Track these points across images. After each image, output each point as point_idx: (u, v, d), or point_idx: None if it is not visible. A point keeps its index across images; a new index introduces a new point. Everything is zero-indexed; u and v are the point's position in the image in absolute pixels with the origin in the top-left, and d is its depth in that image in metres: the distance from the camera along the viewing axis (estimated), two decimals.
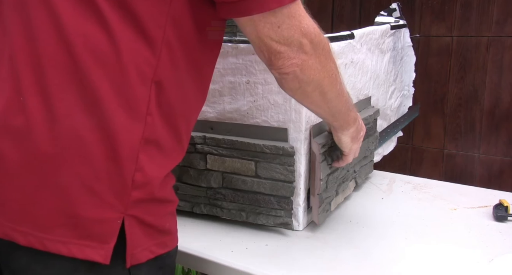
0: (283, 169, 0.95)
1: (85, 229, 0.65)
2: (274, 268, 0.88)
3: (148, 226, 0.69)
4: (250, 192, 0.99)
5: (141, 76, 0.66)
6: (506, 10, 2.07)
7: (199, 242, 0.97)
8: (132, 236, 0.67)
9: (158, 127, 0.69)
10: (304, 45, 0.70)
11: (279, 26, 0.68)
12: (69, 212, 0.65)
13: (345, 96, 0.85)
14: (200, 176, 1.03)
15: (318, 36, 0.72)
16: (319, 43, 0.72)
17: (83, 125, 0.64)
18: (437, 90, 2.25)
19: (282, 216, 0.98)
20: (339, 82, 0.80)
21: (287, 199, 0.97)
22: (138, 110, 0.66)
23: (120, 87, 0.65)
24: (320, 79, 0.75)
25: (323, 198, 0.99)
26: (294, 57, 0.71)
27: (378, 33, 1.25)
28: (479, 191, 1.27)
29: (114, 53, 0.64)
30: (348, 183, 1.13)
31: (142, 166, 0.67)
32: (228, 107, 1.01)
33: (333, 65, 0.77)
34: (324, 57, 0.74)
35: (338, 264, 0.90)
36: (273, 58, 0.71)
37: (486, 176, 2.20)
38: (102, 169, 0.65)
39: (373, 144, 1.23)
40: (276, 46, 0.69)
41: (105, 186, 0.65)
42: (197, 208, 1.06)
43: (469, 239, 1.00)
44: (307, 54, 0.71)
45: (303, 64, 0.72)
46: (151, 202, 0.69)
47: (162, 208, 0.72)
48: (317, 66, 0.73)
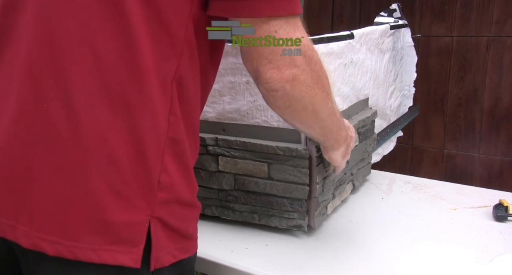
0: (297, 171, 0.95)
1: (114, 234, 0.64)
2: (274, 268, 0.88)
3: (172, 229, 0.68)
4: (262, 194, 0.99)
5: (163, 75, 0.65)
6: (506, 10, 2.07)
7: (199, 242, 0.96)
8: (157, 239, 0.66)
9: (180, 127, 0.68)
10: (296, 58, 0.67)
11: (276, 30, 0.65)
12: (98, 217, 0.63)
13: (337, 115, 0.81)
14: (211, 178, 1.02)
15: (312, 50, 0.69)
16: (312, 58, 0.69)
17: (108, 127, 0.63)
18: (437, 90, 2.25)
19: (295, 218, 0.98)
20: (331, 100, 0.77)
21: (301, 201, 0.96)
22: (162, 110, 0.66)
23: (144, 87, 0.64)
24: (312, 97, 0.71)
25: (319, 201, 0.98)
26: (285, 70, 0.67)
27: (378, 33, 1.25)
28: (479, 191, 1.27)
29: (137, 52, 0.63)
30: (345, 186, 1.13)
31: (167, 166, 0.66)
32: (228, 107, 1.01)
33: (326, 82, 0.73)
34: (316, 73, 0.70)
35: (338, 264, 0.90)
36: (262, 69, 0.67)
37: (486, 176, 2.20)
38: (129, 172, 0.64)
39: (371, 146, 1.23)
40: (267, 55, 0.66)
41: (132, 188, 0.64)
42: (208, 210, 1.05)
43: (469, 239, 1.00)
44: (299, 68, 0.67)
45: (294, 79, 0.67)
46: (176, 204, 0.69)
47: (187, 212, 0.71)
48: (309, 82, 0.69)
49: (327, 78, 0.74)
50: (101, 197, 0.63)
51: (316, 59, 0.70)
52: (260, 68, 0.67)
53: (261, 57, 0.66)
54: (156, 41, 0.64)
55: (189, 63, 0.68)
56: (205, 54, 0.72)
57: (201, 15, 0.67)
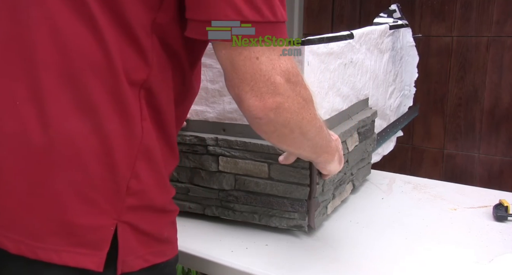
0: (297, 171, 0.95)
1: (78, 237, 0.64)
2: (274, 268, 0.88)
3: (143, 234, 0.68)
4: (263, 194, 0.99)
5: (132, 82, 0.65)
6: (506, 10, 2.07)
7: (199, 242, 0.97)
8: (125, 243, 0.66)
9: (153, 134, 0.68)
10: (280, 85, 0.64)
11: (258, 57, 0.63)
12: (62, 219, 0.63)
13: (324, 130, 0.78)
14: (212, 178, 1.02)
15: (297, 75, 0.67)
16: (297, 83, 0.67)
17: (78, 130, 0.63)
18: (437, 90, 2.25)
19: (295, 218, 0.98)
20: (318, 119, 0.74)
21: (301, 202, 0.96)
22: (133, 117, 0.65)
23: (114, 93, 0.64)
24: (299, 121, 0.69)
25: (319, 201, 0.98)
26: (268, 98, 0.64)
27: (377, 33, 1.25)
28: (479, 191, 1.27)
29: (107, 59, 0.63)
30: (345, 186, 1.13)
31: (139, 172, 0.66)
32: (228, 107, 1.01)
33: (311, 104, 0.71)
34: (302, 98, 0.68)
35: (338, 264, 0.90)
36: (244, 96, 0.64)
37: (486, 176, 2.20)
38: (96, 175, 0.64)
39: (371, 146, 1.23)
40: (249, 81, 0.64)
41: (99, 192, 0.64)
42: (208, 210, 1.05)
43: (469, 239, 1.00)
44: (283, 95, 0.65)
45: (278, 107, 0.65)
46: (148, 210, 0.68)
47: (160, 217, 0.71)
48: (295, 108, 0.67)
49: (312, 99, 0.71)
50: (67, 199, 0.63)
51: (301, 84, 0.68)
52: (242, 95, 0.65)
53: (243, 83, 0.64)
54: (124, 48, 0.64)
55: (160, 74, 0.67)
56: (181, 65, 0.71)
57: (173, 28, 0.66)
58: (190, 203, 1.06)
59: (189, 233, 1.01)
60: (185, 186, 1.05)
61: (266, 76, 0.63)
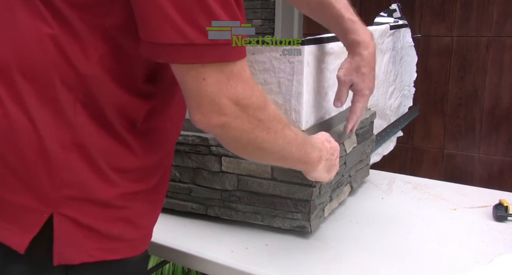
0: (300, 172, 0.94)
1: (10, 214, 0.67)
2: (274, 268, 0.88)
3: (88, 228, 0.68)
4: (266, 194, 0.99)
5: (67, 83, 0.66)
6: (506, 10, 2.07)
7: (199, 242, 0.97)
8: (62, 235, 0.67)
9: (91, 130, 0.68)
10: (226, 107, 0.65)
11: (205, 78, 0.63)
12: (1, 194, 0.66)
13: (297, 144, 0.77)
14: (214, 178, 1.02)
15: (249, 98, 0.66)
16: (248, 106, 0.66)
17: (15, 114, 0.65)
18: (437, 90, 2.25)
19: (298, 219, 0.98)
20: (283, 136, 0.73)
21: (304, 202, 0.96)
22: (64, 112, 0.67)
23: (44, 89, 0.66)
24: (251, 139, 0.70)
25: (316, 204, 0.98)
26: (212, 117, 0.65)
27: (377, 33, 1.25)
28: (479, 191, 1.27)
29: (42, 53, 0.65)
30: (343, 188, 1.13)
31: (73, 165, 0.67)
32: None
33: (272, 124, 0.71)
34: (256, 119, 0.68)
35: (338, 264, 0.90)
36: (191, 111, 0.66)
37: (486, 176, 2.20)
38: (31, 162, 0.66)
39: (369, 147, 1.23)
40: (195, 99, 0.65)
41: (34, 178, 0.66)
42: (211, 210, 1.05)
43: (469, 239, 1.00)
44: (229, 116, 0.65)
45: (224, 126, 0.66)
46: (88, 203, 0.69)
47: (106, 212, 0.70)
48: (245, 127, 0.68)
49: (273, 120, 0.71)
50: (5, 178, 0.66)
51: (255, 106, 0.68)
52: (189, 109, 0.66)
53: (191, 99, 0.66)
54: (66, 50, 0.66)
55: (103, 75, 0.67)
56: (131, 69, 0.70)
57: (124, 35, 0.66)
58: (193, 203, 1.06)
59: (189, 233, 1.01)
60: (187, 187, 1.05)
61: (211, 97, 0.64)
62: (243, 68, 0.66)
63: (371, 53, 0.92)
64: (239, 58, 0.65)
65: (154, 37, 0.62)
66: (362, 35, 0.91)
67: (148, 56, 0.64)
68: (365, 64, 0.92)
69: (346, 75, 0.93)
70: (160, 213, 1.04)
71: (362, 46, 0.91)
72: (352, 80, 0.93)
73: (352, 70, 0.93)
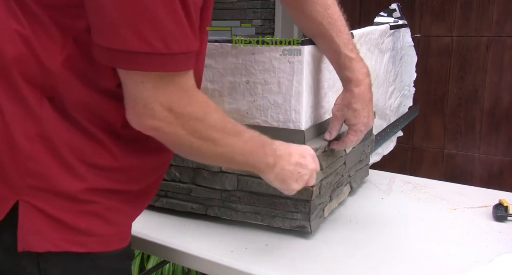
0: None
1: None
2: (274, 268, 0.88)
3: (53, 219, 0.70)
4: (266, 194, 0.99)
5: (34, 78, 0.68)
6: (506, 10, 2.07)
7: (199, 242, 0.97)
8: (27, 222, 0.69)
9: (57, 124, 0.70)
10: (158, 112, 0.66)
11: (143, 82, 0.65)
12: None
13: (240, 152, 0.77)
14: (214, 178, 1.02)
15: (184, 107, 0.68)
16: (183, 114, 0.68)
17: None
18: (437, 90, 2.25)
19: (298, 219, 0.98)
20: (224, 145, 0.74)
21: (304, 202, 0.96)
22: (30, 106, 0.69)
23: (12, 83, 0.68)
24: (187, 145, 0.71)
25: (316, 204, 0.98)
26: (146, 120, 0.67)
27: (377, 33, 1.25)
28: (479, 191, 1.27)
29: (12, 49, 0.67)
30: (343, 188, 1.13)
31: (37, 156, 0.69)
32: (228, 107, 1.01)
33: (209, 132, 0.72)
34: (191, 127, 0.69)
35: (337, 264, 0.90)
36: (127, 109, 0.68)
37: (486, 176, 2.20)
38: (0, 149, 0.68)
39: (369, 147, 1.23)
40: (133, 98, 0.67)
41: (2, 165, 0.69)
42: (211, 210, 1.05)
43: (469, 239, 1.00)
44: (162, 121, 0.67)
45: (157, 130, 0.69)
46: (53, 195, 0.70)
47: (74, 206, 0.72)
48: (179, 133, 0.69)
49: (212, 130, 0.72)
50: None
51: (191, 116, 0.69)
52: (126, 107, 0.69)
53: (127, 99, 0.68)
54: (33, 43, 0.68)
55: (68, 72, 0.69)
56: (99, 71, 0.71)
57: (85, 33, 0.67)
58: (193, 203, 1.06)
59: (189, 233, 1.01)
60: (187, 187, 1.05)
61: (146, 101, 0.66)
62: (185, 78, 0.68)
63: (362, 90, 0.94)
64: (180, 70, 0.66)
65: (98, 40, 0.64)
66: (355, 72, 0.93)
67: (97, 58, 0.66)
68: (356, 100, 0.94)
69: (338, 110, 0.96)
70: (160, 213, 1.04)
71: (353, 83, 0.94)
72: (344, 115, 0.96)
73: (344, 106, 0.95)
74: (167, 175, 1.06)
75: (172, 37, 0.62)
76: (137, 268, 1.96)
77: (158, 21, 0.61)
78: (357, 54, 0.95)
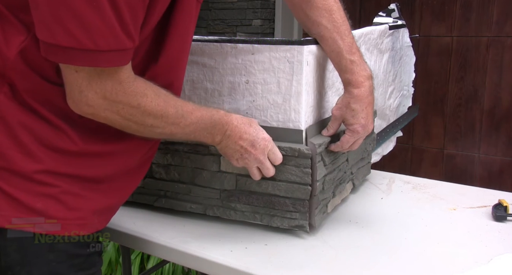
0: (299, 171, 0.95)
1: None
2: (274, 268, 0.88)
3: (8, 195, 0.74)
4: (264, 194, 0.99)
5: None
6: (506, 10, 2.07)
7: (199, 242, 0.97)
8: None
9: (10, 106, 0.74)
10: (91, 100, 0.72)
11: (77, 71, 0.70)
12: None
13: (181, 133, 0.84)
14: (213, 178, 1.02)
15: (116, 94, 0.73)
16: (117, 102, 0.74)
17: None
18: (437, 90, 2.25)
19: (297, 218, 0.98)
20: (161, 127, 0.80)
21: (303, 201, 0.96)
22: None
23: None
24: (126, 126, 0.78)
25: (319, 199, 0.98)
26: (82, 106, 0.73)
27: (377, 33, 1.25)
28: (479, 191, 1.27)
29: None
30: (345, 185, 1.13)
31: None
32: (228, 107, 1.01)
33: (145, 118, 0.78)
34: (127, 112, 0.75)
35: (337, 264, 0.90)
36: (67, 94, 0.73)
37: (486, 176, 2.20)
38: None
39: (370, 145, 1.23)
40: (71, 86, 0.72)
41: None
42: (210, 210, 1.05)
43: (468, 239, 1.00)
44: (96, 108, 0.73)
45: (93, 115, 0.75)
46: (8, 172, 0.74)
47: (29, 185, 0.75)
48: (115, 118, 0.76)
49: (147, 116, 0.77)
50: None
51: (125, 103, 0.75)
52: (66, 93, 0.74)
53: (65, 86, 0.73)
54: None
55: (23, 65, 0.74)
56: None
57: None
58: (192, 203, 1.06)
59: (189, 233, 1.01)
60: (186, 187, 1.05)
61: (80, 88, 0.71)
62: (119, 71, 0.72)
63: (362, 92, 0.95)
64: (112, 66, 0.70)
65: (38, 34, 0.68)
66: (355, 74, 0.95)
67: (41, 51, 0.70)
68: (355, 101, 0.95)
69: (337, 110, 0.98)
70: (160, 213, 1.04)
71: (352, 85, 0.95)
72: (342, 115, 0.97)
73: (343, 106, 0.97)
74: (166, 175, 1.06)
75: (99, 35, 0.66)
76: (137, 268, 1.96)
77: (83, 19, 0.65)
78: (360, 57, 0.96)
